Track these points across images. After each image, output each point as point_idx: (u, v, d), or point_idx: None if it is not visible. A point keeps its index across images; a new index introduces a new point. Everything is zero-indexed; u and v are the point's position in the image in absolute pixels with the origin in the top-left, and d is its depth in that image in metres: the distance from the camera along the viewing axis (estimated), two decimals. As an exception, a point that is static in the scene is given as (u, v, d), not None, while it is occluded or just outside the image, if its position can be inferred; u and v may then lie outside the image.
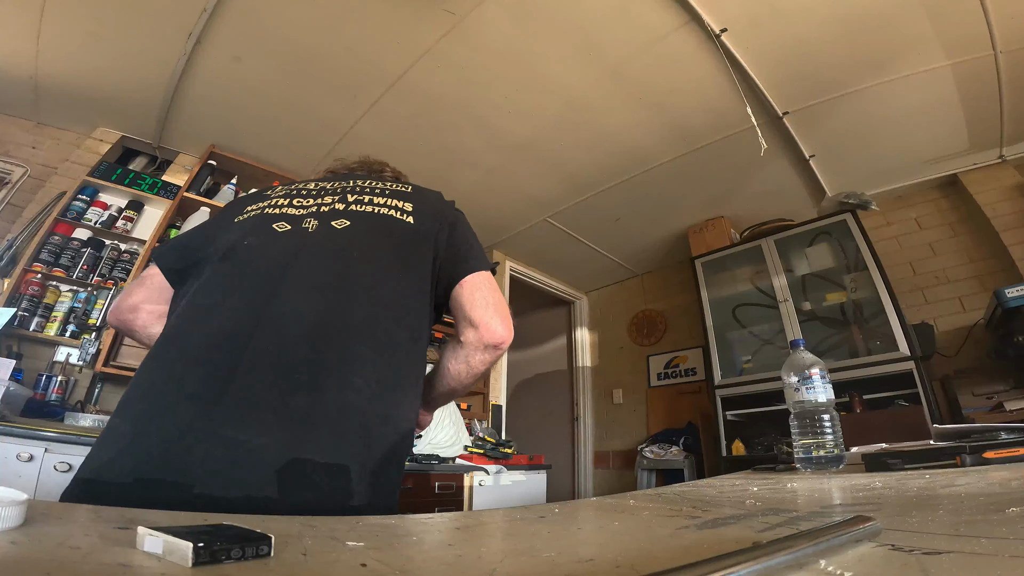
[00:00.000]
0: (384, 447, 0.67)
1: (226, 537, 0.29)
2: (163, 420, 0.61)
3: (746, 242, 3.51)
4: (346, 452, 0.63)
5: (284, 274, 0.70)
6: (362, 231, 0.77)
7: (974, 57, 2.33)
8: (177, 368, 0.65)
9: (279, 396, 0.62)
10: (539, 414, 4.96)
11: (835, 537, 0.30)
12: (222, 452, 0.58)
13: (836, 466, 0.95)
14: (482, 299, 0.79)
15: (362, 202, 0.82)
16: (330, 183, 0.89)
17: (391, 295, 0.74)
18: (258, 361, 0.63)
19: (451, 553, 0.36)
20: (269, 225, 0.78)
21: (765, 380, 3.02)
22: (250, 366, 0.63)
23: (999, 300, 2.39)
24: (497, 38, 2.27)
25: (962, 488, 0.58)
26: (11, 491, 0.29)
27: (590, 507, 0.67)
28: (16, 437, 1.58)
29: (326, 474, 0.60)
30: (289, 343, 0.65)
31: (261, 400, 0.61)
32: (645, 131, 2.88)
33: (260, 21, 2.20)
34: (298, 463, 0.59)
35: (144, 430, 0.61)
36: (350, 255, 0.74)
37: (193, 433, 0.58)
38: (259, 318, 0.66)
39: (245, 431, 0.59)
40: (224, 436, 0.58)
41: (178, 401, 0.61)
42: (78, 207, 2.66)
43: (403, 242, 0.78)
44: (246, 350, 0.64)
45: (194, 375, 0.63)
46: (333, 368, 0.65)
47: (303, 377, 0.63)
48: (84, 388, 2.49)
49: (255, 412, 0.60)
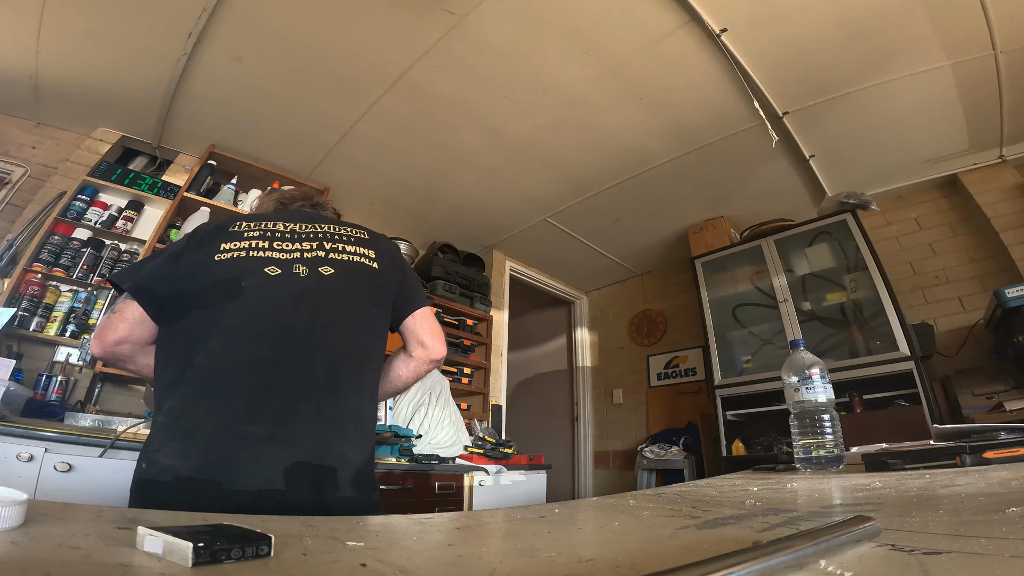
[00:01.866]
0: (374, 441, 0.96)
1: (226, 537, 0.29)
2: (216, 430, 0.79)
3: (746, 242, 3.51)
4: (364, 442, 0.90)
5: (295, 314, 0.89)
6: (344, 277, 0.97)
7: (974, 57, 2.33)
8: (222, 392, 0.82)
9: (312, 406, 0.84)
10: (539, 414, 4.96)
11: (835, 537, 0.30)
12: (269, 452, 0.78)
13: (836, 466, 0.95)
14: (429, 327, 1.07)
15: (337, 250, 1.01)
16: (299, 226, 1.04)
17: (373, 327, 0.98)
18: (288, 384, 0.83)
19: (451, 553, 0.36)
20: (261, 268, 0.93)
21: (765, 380, 3.02)
22: (282, 388, 0.83)
23: (999, 300, 2.39)
24: (497, 38, 2.27)
25: (962, 488, 0.58)
26: (11, 491, 0.29)
27: (590, 507, 0.67)
28: (16, 437, 1.57)
29: (353, 456, 0.86)
30: (309, 369, 0.85)
31: (297, 410, 0.82)
32: (645, 131, 2.88)
33: (260, 21, 2.20)
34: (331, 450, 0.83)
35: (201, 441, 0.78)
36: (341, 297, 0.95)
37: (243, 440, 0.78)
38: (281, 351, 0.85)
39: (287, 432, 0.80)
40: (270, 437, 0.79)
41: (227, 416, 0.79)
42: (78, 207, 2.65)
43: (373, 285, 1.01)
44: (276, 375, 0.83)
45: (237, 396, 0.81)
46: (347, 384, 0.90)
47: (326, 393, 0.86)
48: (84, 388, 2.49)
49: (296, 418, 0.82)
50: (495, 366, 3.92)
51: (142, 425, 1.86)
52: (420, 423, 2.81)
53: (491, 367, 3.85)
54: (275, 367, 0.83)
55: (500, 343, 4.07)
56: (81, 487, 1.61)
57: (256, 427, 0.78)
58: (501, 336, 4.11)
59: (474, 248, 4.11)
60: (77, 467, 1.62)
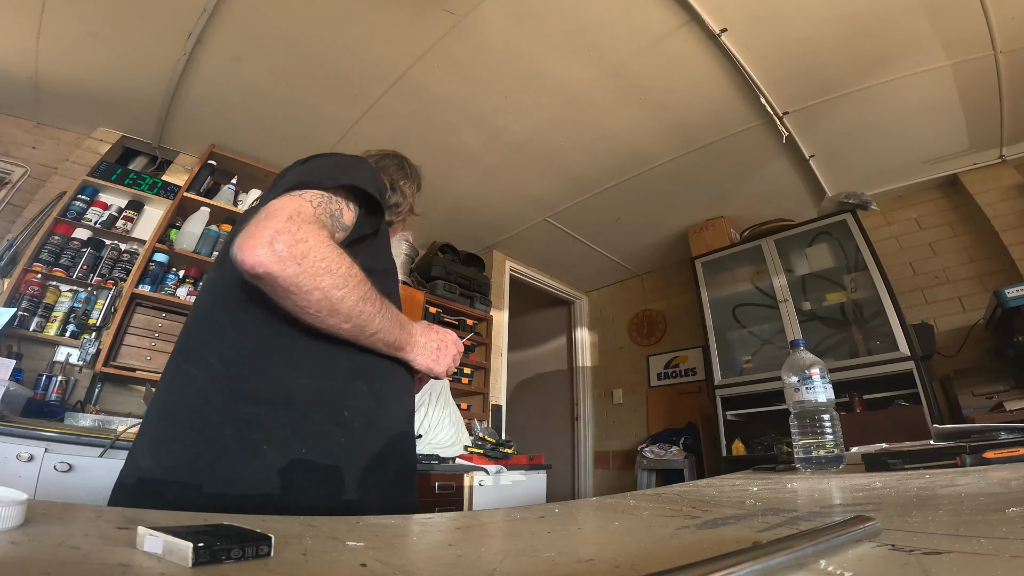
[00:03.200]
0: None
1: (226, 537, 0.29)
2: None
3: (746, 242, 3.51)
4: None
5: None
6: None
7: (974, 57, 2.33)
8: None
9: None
10: (539, 414, 4.96)
11: (835, 537, 0.30)
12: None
13: (836, 466, 0.95)
14: (254, 219, 0.67)
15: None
16: None
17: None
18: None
19: (451, 553, 0.36)
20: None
21: (765, 380, 3.02)
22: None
23: (999, 300, 2.39)
24: (497, 38, 2.27)
25: (962, 488, 0.58)
26: (11, 491, 0.29)
27: (590, 507, 0.67)
28: (16, 437, 1.58)
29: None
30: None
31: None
32: (645, 131, 2.88)
33: (260, 21, 2.20)
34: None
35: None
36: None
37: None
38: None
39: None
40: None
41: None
42: (78, 207, 2.65)
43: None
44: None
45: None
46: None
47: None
48: (84, 388, 2.49)
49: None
50: (495, 366, 3.93)
51: (142, 425, 1.86)
52: (420, 423, 2.81)
53: (491, 367, 3.85)
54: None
55: (500, 343, 4.07)
56: (81, 487, 1.61)
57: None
58: (501, 336, 4.12)
59: (474, 248, 4.11)
60: (77, 467, 1.63)
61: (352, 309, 0.71)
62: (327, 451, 0.73)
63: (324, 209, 0.73)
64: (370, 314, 0.74)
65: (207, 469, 0.67)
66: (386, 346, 0.80)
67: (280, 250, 0.63)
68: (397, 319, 0.81)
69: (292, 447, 0.70)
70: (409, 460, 0.88)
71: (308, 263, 0.65)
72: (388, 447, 0.81)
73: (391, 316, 0.79)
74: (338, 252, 0.69)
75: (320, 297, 0.66)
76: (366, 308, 0.73)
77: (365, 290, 0.72)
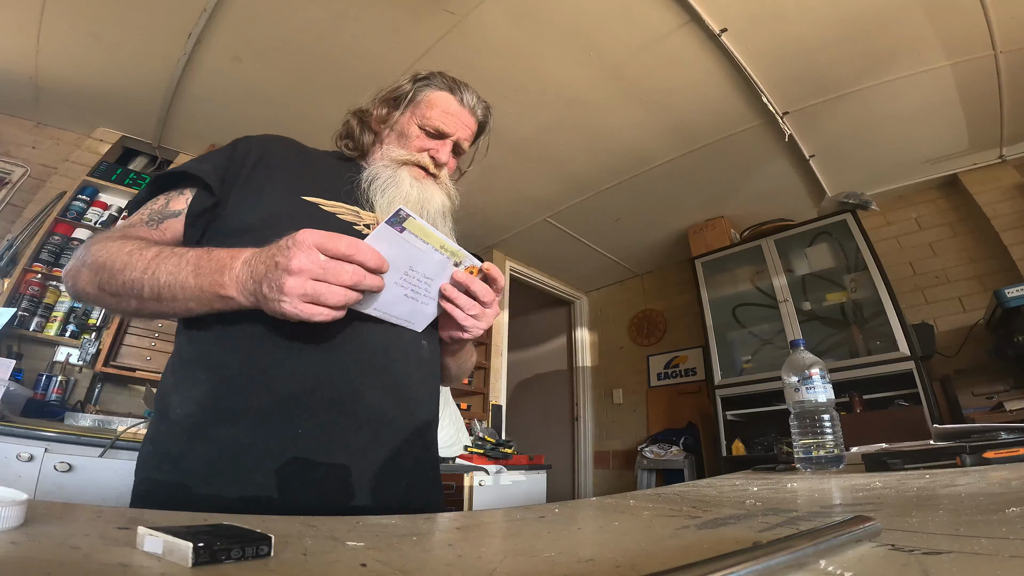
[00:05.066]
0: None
1: (226, 537, 0.29)
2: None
3: (746, 242, 3.51)
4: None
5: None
6: None
7: (974, 57, 2.33)
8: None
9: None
10: (539, 414, 4.96)
11: (835, 537, 0.30)
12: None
13: (836, 466, 0.95)
14: None
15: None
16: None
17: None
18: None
19: (451, 553, 0.36)
20: None
21: (765, 380, 3.02)
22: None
23: (999, 300, 2.39)
24: (497, 38, 2.27)
25: (962, 488, 0.58)
26: (11, 491, 0.29)
27: (590, 507, 0.67)
28: (16, 437, 1.58)
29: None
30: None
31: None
32: (645, 131, 2.88)
33: (260, 21, 2.20)
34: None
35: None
36: None
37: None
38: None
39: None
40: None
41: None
42: (78, 207, 2.66)
43: None
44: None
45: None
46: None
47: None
48: (84, 388, 2.49)
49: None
50: (495, 366, 3.93)
51: (142, 425, 1.86)
52: (420, 423, 2.80)
53: (491, 367, 3.85)
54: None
55: (500, 343, 4.07)
56: (81, 487, 1.61)
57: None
58: (501, 336, 4.12)
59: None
60: (77, 467, 1.63)
61: (107, 284, 0.66)
62: (167, 457, 0.68)
63: (139, 216, 0.78)
64: (130, 277, 0.64)
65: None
66: (196, 302, 0.64)
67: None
68: (195, 263, 0.63)
69: (147, 462, 0.71)
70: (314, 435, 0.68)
71: (65, 277, 0.73)
72: (261, 430, 0.66)
73: (177, 264, 0.64)
74: (84, 249, 0.72)
75: (79, 292, 0.71)
76: (120, 276, 0.65)
77: (111, 259, 0.67)
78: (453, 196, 0.96)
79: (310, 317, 0.58)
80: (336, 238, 0.58)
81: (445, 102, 0.95)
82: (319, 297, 0.57)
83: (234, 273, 0.61)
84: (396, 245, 0.62)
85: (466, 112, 0.97)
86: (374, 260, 0.60)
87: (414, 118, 0.92)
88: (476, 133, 1.01)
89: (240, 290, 0.61)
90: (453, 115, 0.94)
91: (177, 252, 0.65)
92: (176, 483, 0.66)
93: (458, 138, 0.94)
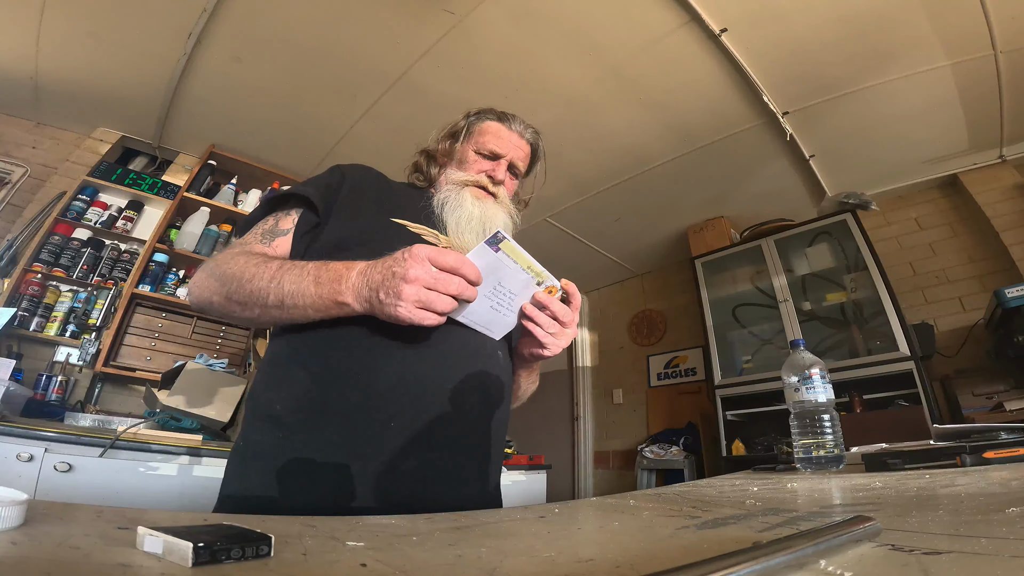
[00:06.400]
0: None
1: (226, 537, 0.29)
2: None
3: (746, 242, 3.51)
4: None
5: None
6: None
7: (974, 57, 2.33)
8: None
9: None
10: (539, 414, 4.96)
11: (835, 537, 0.30)
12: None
13: (836, 466, 0.95)
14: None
15: None
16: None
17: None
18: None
19: (451, 553, 0.36)
20: None
21: (765, 380, 3.02)
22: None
23: (999, 300, 2.39)
24: (497, 38, 2.27)
25: (962, 488, 0.58)
26: (11, 491, 0.29)
27: (590, 507, 0.67)
28: (16, 437, 1.58)
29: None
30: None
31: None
32: (645, 131, 2.88)
33: (260, 21, 2.20)
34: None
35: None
36: None
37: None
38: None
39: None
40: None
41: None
42: (78, 207, 2.66)
43: None
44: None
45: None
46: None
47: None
48: (84, 388, 2.49)
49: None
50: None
51: (142, 425, 1.86)
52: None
53: (491, 367, 3.84)
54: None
55: (500, 343, 4.06)
56: (81, 487, 1.61)
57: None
58: (501, 336, 4.11)
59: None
60: (77, 467, 1.63)
61: (235, 293, 0.75)
62: (263, 451, 0.74)
63: (253, 235, 0.88)
64: (257, 286, 0.73)
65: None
66: (314, 309, 0.71)
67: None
68: (315, 274, 0.71)
69: (240, 462, 0.77)
70: (439, 432, 0.74)
71: (192, 288, 0.83)
72: (366, 424, 0.72)
73: (299, 275, 0.71)
74: (212, 263, 0.82)
75: (203, 302, 0.80)
76: (248, 286, 0.74)
77: (239, 272, 0.75)
78: (515, 216, 1.04)
79: (421, 321, 0.65)
80: (445, 253, 0.66)
81: (496, 128, 1.06)
82: (430, 304, 0.65)
83: (350, 282, 0.69)
84: (490, 262, 0.69)
85: (516, 135, 1.07)
86: (475, 274, 0.68)
87: (470, 145, 1.04)
88: (531, 159, 1.11)
89: (356, 297, 0.68)
90: (504, 139, 1.05)
91: (298, 265, 0.74)
92: (269, 480, 0.70)
93: (512, 158, 1.05)
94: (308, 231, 0.87)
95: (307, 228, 0.87)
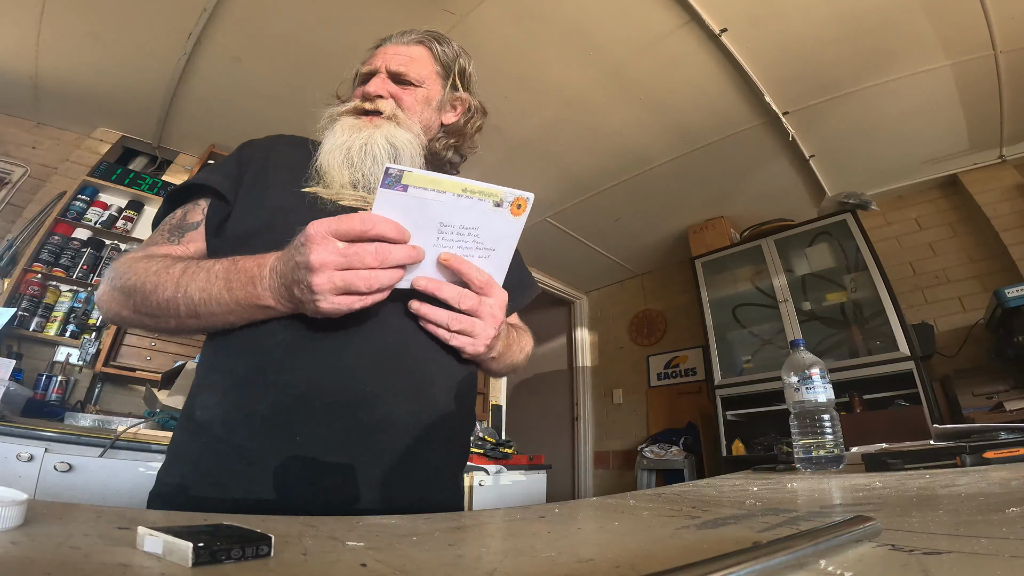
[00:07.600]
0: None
1: (226, 537, 0.29)
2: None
3: (746, 242, 3.51)
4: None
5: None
6: None
7: (974, 57, 2.33)
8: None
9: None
10: (539, 414, 4.96)
11: (835, 537, 0.30)
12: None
13: (836, 466, 0.95)
14: None
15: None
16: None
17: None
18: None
19: (451, 553, 0.36)
20: None
21: (765, 380, 3.02)
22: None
23: (999, 300, 2.39)
24: (497, 38, 2.27)
25: (962, 488, 0.58)
26: (11, 491, 0.29)
27: (590, 507, 0.67)
28: (16, 437, 1.58)
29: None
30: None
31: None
32: (645, 131, 2.88)
33: (260, 21, 2.20)
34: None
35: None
36: None
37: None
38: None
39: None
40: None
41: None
42: (78, 207, 2.66)
43: None
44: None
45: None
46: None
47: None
48: (84, 388, 2.49)
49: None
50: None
51: (142, 425, 1.86)
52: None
53: (491, 367, 3.84)
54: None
55: (500, 343, 4.06)
56: (81, 487, 1.61)
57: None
58: (501, 336, 4.11)
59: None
60: (77, 467, 1.63)
61: (142, 305, 0.66)
62: (184, 458, 0.68)
63: (159, 234, 0.77)
64: (163, 297, 0.63)
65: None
66: (236, 316, 0.63)
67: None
68: (224, 277, 0.62)
69: (166, 463, 0.70)
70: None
71: (98, 303, 0.73)
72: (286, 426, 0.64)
73: (207, 280, 0.62)
74: (112, 271, 0.70)
75: (113, 316, 0.70)
76: (153, 296, 0.64)
77: (140, 281, 0.65)
78: (416, 131, 0.84)
79: (350, 307, 0.56)
80: (346, 219, 0.54)
81: (373, 53, 0.94)
82: (352, 286, 0.55)
83: (265, 282, 0.60)
84: (409, 207, 0.55)
85: (392, 46, 0.92)
86: (393, 230, 0.55)
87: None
88: (437, 62, 0.95)
89: (276, 298, 0.60)
90: (378, 54, 0.91)
91: (203, 266, 0.63)
92: (188, 484, 0.65)
93: (387, 66, 0.87)
94: (221, 222, 0.76)
95: (218, 219, 0.76)
